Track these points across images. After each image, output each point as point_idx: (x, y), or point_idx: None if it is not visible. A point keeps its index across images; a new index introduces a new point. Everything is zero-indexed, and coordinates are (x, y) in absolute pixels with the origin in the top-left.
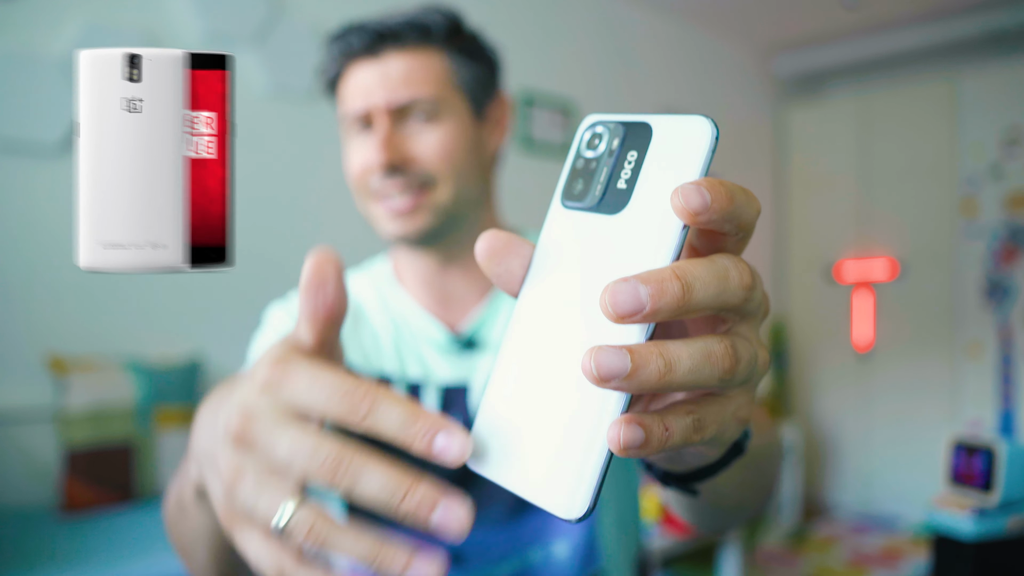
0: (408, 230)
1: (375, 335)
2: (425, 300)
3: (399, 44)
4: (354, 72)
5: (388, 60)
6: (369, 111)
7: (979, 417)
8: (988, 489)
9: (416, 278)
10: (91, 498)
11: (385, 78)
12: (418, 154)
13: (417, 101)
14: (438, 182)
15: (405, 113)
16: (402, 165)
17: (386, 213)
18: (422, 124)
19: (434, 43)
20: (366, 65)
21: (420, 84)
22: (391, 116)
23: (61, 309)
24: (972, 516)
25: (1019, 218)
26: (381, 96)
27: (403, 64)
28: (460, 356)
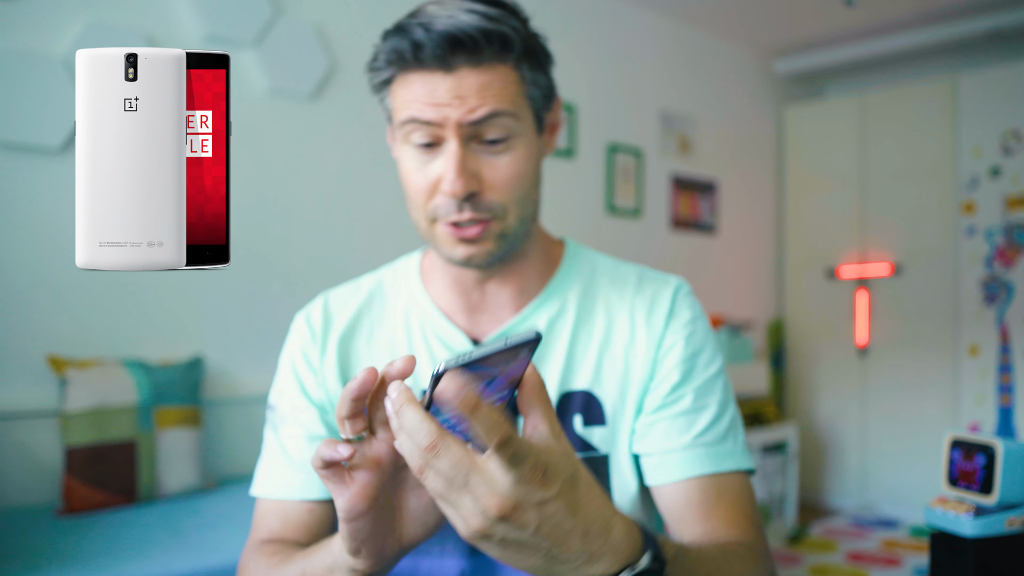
0: (473, 256)
1: (392, 344)
2: (453, 308)
3: (476, 59)
4: (417, 79)
5: (462, 75)
6: (440, 125)
7: (978, 417)
8: (987, 489)
9: (450, 286)
10: (92, 498)
11: (457, 93)
12: (491, 182)
13: (491, 123)
14: (507, 211)
15: (477, 135)
16: (474, 194)
17: (453, 236)
18: (493, 147)
19: (510, 57)
20: (434, 76)
21: (494, 101)
22: (462, 137)
23: (63, 309)
24: (971, 516)
25: (1018, 218)
26: (454, 112)
27: (477, 80)
28: None
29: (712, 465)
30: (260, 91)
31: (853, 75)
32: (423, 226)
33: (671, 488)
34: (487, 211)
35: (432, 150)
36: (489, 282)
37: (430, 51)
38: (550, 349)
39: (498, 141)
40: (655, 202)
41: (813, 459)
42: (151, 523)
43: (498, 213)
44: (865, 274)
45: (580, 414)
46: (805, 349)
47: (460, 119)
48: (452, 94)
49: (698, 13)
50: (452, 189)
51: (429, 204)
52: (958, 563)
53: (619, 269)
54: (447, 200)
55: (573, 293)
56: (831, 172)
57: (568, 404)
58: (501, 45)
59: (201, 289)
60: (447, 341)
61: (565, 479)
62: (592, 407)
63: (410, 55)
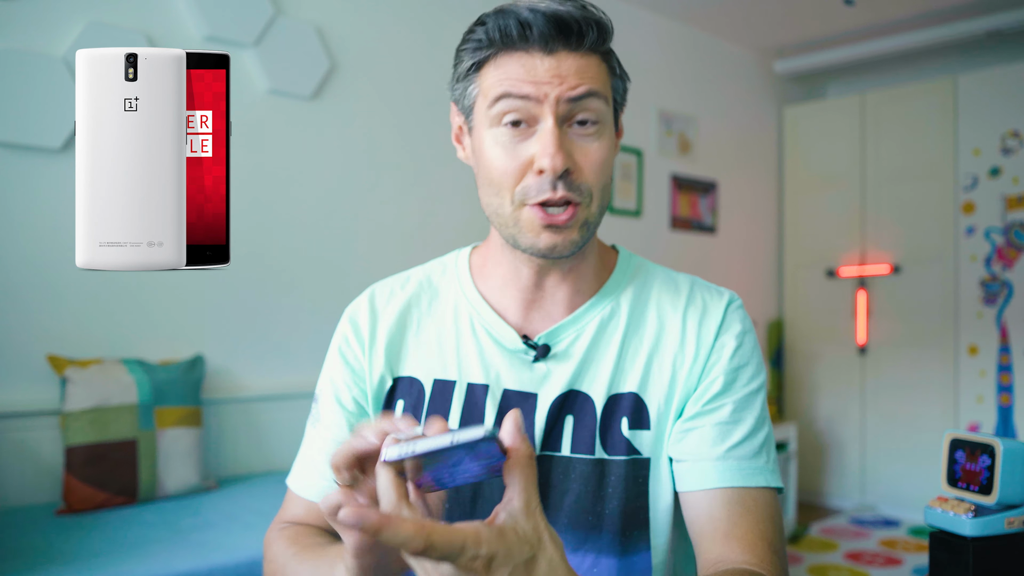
0: (558, 244)
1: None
2: (505, 304)
3: (576, 43)
4: (516, 59)
5: (561, 57)
6: (538, 100)
7: (978, 416)
8: (987, 488)
9: (506, 282)
10: (92, 498)
11: (557, 72)
12: (581, 164)
13: (587, 103)
14: (593, 197)
15: (571, 116)
16: (568, 172)
17: (542, 222)
18: (584, 129)
19: (604, 48)
20: (533, 57)
21: (591, 83)
22: (557, 115)
23: (63, 309)
24: (971, 515)
25: (1018, 218)
26: (553, 89)
27: (575, 63)
28: (530, 363)
29: (742, 479)
30: (260, 91)
31: (853, 75)
32: (507, 211)
33: (698, 496)
34: (577, 192)
35: (523, 132)
36: (548, 279)
37: (537, 30)
38: (601, 350)
39: (589, 123)
40: (655, 202)
41: (813, 459)
42: (151, 523)
43: (585, 197)
44: (865, 274)
45: (627, 417)
46: (805, 349)
47: (560, 95)
48: (552, 73)
49: (698, 13)
50: (552, 164)
51: (517, 187)
52: (958, 563)
53: (672, 277)
54: (539, 179)
55: (626, 297)
56: (831, 172)
57: (616, 406)
58: (599, 34)
59: (201, 289)
60: (498, 337)
61: (517, 564)
62: (639, 411)
63: (517, 33)
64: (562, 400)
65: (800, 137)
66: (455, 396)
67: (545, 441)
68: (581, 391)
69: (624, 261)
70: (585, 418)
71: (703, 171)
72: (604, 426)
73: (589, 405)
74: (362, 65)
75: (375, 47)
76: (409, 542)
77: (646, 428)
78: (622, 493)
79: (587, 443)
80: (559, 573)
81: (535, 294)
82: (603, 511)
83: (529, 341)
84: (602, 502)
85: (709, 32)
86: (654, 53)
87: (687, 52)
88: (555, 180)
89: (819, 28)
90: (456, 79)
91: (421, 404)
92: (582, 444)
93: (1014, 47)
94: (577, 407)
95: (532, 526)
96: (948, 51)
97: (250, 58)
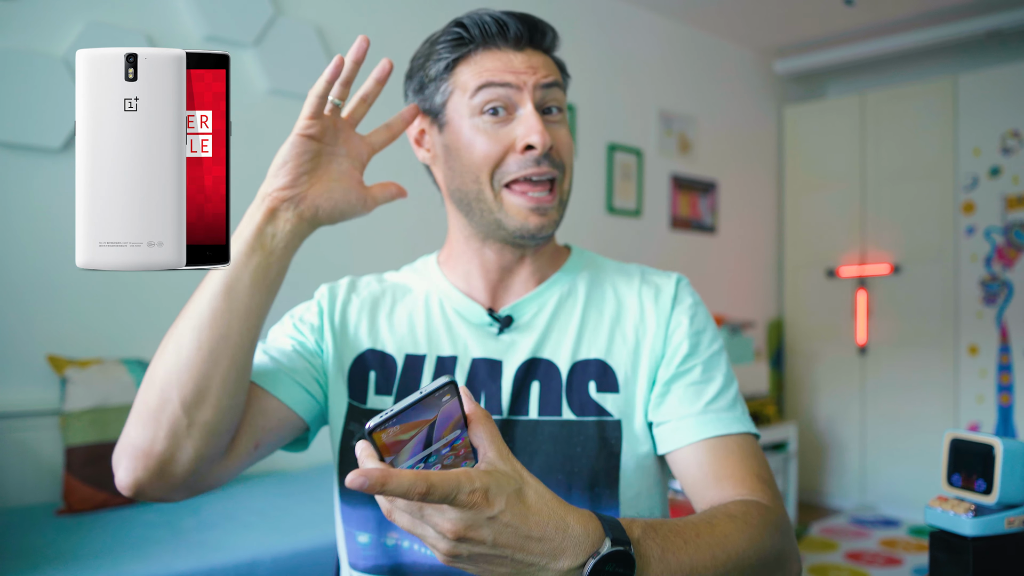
0: (545, 224)
1: (411, 321)
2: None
3: (541, 43)
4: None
5: (529, 53)
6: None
7: (978, 416)
8: (987, 488)
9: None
10: (92, 498)
11: (529, 64)
12: (557, 142)
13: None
14: (566, 173)
15: (542, 104)
16: (550, 149)
17: (527, 204)
18: (550, 116)
19: (556, 49)
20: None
21: (556, 75)
22: (534, 101)
23: (63, 309)
24: (971, 515)
25: (1018, 218)
26: (530, 78)
27: (541, 59)
28: (495, 334)
29: (723, 428)
30: (260, 91)
31: (853, 75)
32: (489, 196)
33: (685, 452)
34: (557, 167)
35: (503, 119)
36: (514, 267)
37: (513, 28)
38: (562, 322)
39: (555, 111)
40: (655, 202)
41: (813, 459)
42: (151, 523)
43: (560, 172)
44: (865, 274)
45: (594, 380)
46: (805, 349)
47: (536, 82)
48: (526, 65)
49: (698, 13)
50: (542, 140)
51: (498, 170)
52: (957, 562)
53: (622, 266)
54: (522, 157)
55: (583, 278)
56: (831, 172)
57: (582, 371)
58: (554, 37)
59: None
60: (465, 314)
61: (509, 494)
62: (606, 375)
63: (496, 31)
64: (527, 367)
65: (800, 137)
66: (425, 368)
67: (512, 406)
68: (545, 358)
69: (577, 252)
70: (551, 383)
71: (703, 171)
72: (570, 389)
73: (554, 370)
74: (362, 65)
75: (375, 47)
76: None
77: (615, 391)
78: (593, 452)
79: (554, 405)
80: (547, 499)
81: (500, 276)
82: (572, 470)
83: (494, 314)
84: (571, 462)
85: (709, 32)
86: (654, 53)
87: (687, 52)
88: (540, 157)
89: (819, 28)
90: (424, 83)
91: (393, 377)
92: (549, 407)
93: (1014, 47)
94: (542, 373)
95: (511, 467)
96: (948, 51)
97: (250, 58)
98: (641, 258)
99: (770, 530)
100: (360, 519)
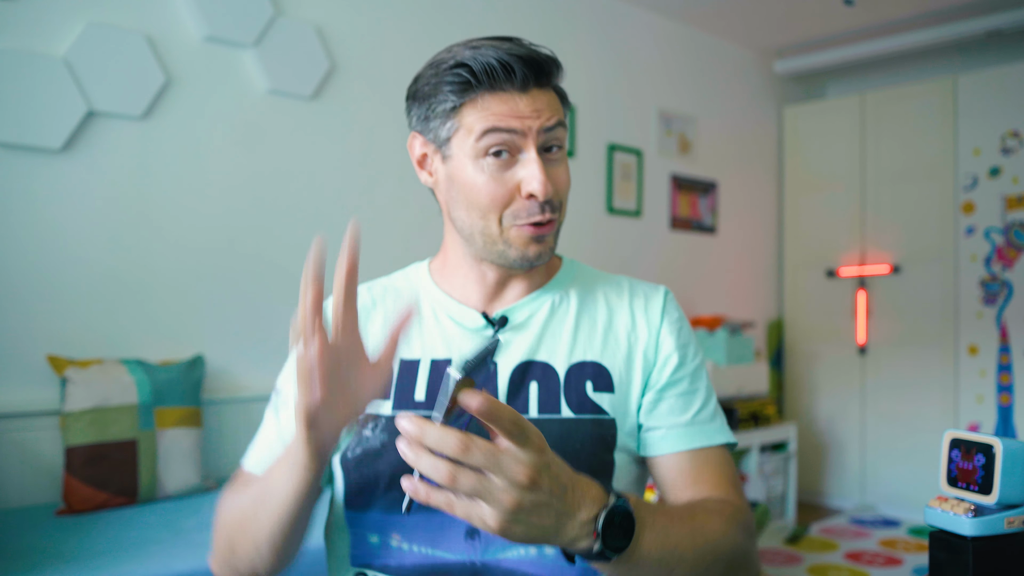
0: (543, 252)
1: None
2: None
3: (544, 81)
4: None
5: (534, 94)
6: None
7: (978, 416)
8: (986, 488)
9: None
10: (92, 498)
11: (534, 107)
12: (556, 185)
13: (557, 131)
14: (562, 210)
15: (544, 145)
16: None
17: (529, 237)
18: (551, 155)
19: (559, 82)
20: (512, 95)
21: (559, 114)
22: (538, 146)
23: (63, 309)
24: (970, 515)
25: (1018, 218)
26: (534, 123)
27: (545, 98)
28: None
29: (707, 439)
30: (260, 91)
31: (853, 75)
32: (493, 232)
33: (670, 457)
34: (556, 211)
35: (506, 161)
36: (510, 281)
37: (519, 72)
38: (556, 326)
39: (555, 149)
40: (655, 202)
41: (813, 459)
42: (151, 523)
43: (557, 211)
44: (865, 274)
45: (591, 381)
46: (805, 349)
47: (539, 127)
48: (530, 108)
49: (698, 13)
50: (544, 191)
51: (506, 211)
52: (957, 563)
53: (611, 277)
54: (529, 203)
55: (574, 287)
56: (831, 172)
57: (579, 372)
58: (556, 71)
59: (201, 289)
60: (460, 320)
61: (547, 445)
62: (601, 375)
63: (502, 75)
64: (523, 368)
65: (800, 137)
66: (420, 372)
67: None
68: (541, 360)
69: (568, 263)
70: (549, 383)
71: (703, 171)
72: (568, 389)
73: (551, 371)
74: (362, 65)
75: (375, 47)
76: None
77: (610, 391)
78: (590, 449)
79: (553, 404)
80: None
81: (496, 288)
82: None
83: (488, 317)
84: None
85: (709, 32)
86: (654, 53)
87: (687, 52)
88: (543, 204)
89: (819, 28)
90: (429, 115)
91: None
92: (548, 406)
93: (1014, 47)
94: (539, 374)
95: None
96: (948, 51)
97: (250, 58)
98: (641, 259)
99: (741, 528)
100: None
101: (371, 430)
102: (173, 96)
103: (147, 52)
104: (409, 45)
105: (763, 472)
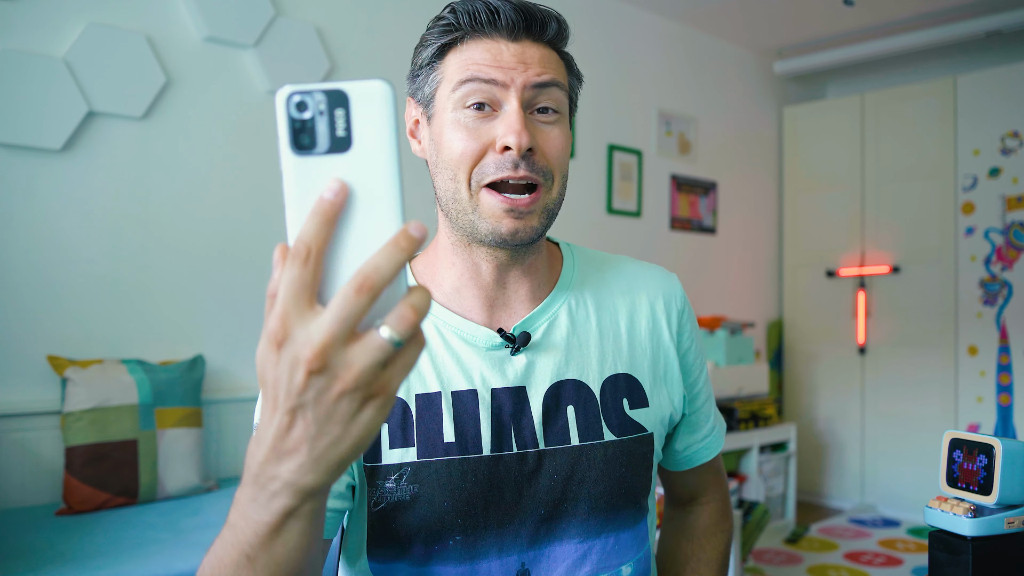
0: (519, 230)
1: None
2: (468, 306)
3: (540, 35)
4: (481, 44)
5: (525, 45)
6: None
7: (978, 417)
8: (986, 488)
9: (465, 283)
10: (92, 498)
11: (522, 59)
12: (542, 147)
13: (549, 91)
14: (553, 181)
15: (533, 103)
16: (531, 151)
17: (502, 206)
18: (544, 116)
19: (563, 45)
20: (499, 43)
21: (554, 72)
22: (522, 100)
23: (63, 309)
24: (970, 515)
25: (1018, 218)
26: (519, 75)
27: (538, 52)
28: (508, 356)
29: (714, 451)
30: (260, 91)
31: (853, 75)
32: (464, 196)
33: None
34: (539, 173)
35: (486, 115)
36: (510, 275)
37: (505, 17)
38: (582, 337)
39: (550, 111)
40: (655, 202)
41: (813, 459)
42: (152, 523)
43: (547, 180)
44: (864, 274)
45: (626, 398)
46: (805, 349)
47: (525, 81)
48: (517, 59)
49: (698, 13)
50: (518, 141)
51: (476, 168)
52: (957, 563)
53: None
54: (500, 157)
55: (586, 284)
56: (831, 172)
57: (613, 388)
58: (559, 30)
59: (201, 289)
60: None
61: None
62: (635, 389)
63: (486, 18)
64: (555, 391)
65: (800, 137)
66: (443, 408)
67: (549, 435)
68: (574, 379)
69: (566, 250)
70: (587, 406)
71: (703, 171)
72: (606, 409)
73: (586, 391)
74: (362, 65)
75: (375, 47)
76: None
77: (645, 406)
78: (635, 469)
79: (595, 429)
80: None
81: (497, 292)
82: (622, 490)
83: (505, 334)
84: (620, 483)
85: (709, 32)
86: (654, 53)
87: (687, 52)
88: (518, 159)
89: (819, 28)
90: (417, 68)
91: (409, 423)
92: (591, 432)
93: (1014, 47)
94: (574, 395)
95: None
96: (948, 51)
97: (250, 58)
98: (641, 259)
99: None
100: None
101: (394, 482)
102: (173, 96)
103: (147, 53)
104: (409, 45)
105: (763, 472)
